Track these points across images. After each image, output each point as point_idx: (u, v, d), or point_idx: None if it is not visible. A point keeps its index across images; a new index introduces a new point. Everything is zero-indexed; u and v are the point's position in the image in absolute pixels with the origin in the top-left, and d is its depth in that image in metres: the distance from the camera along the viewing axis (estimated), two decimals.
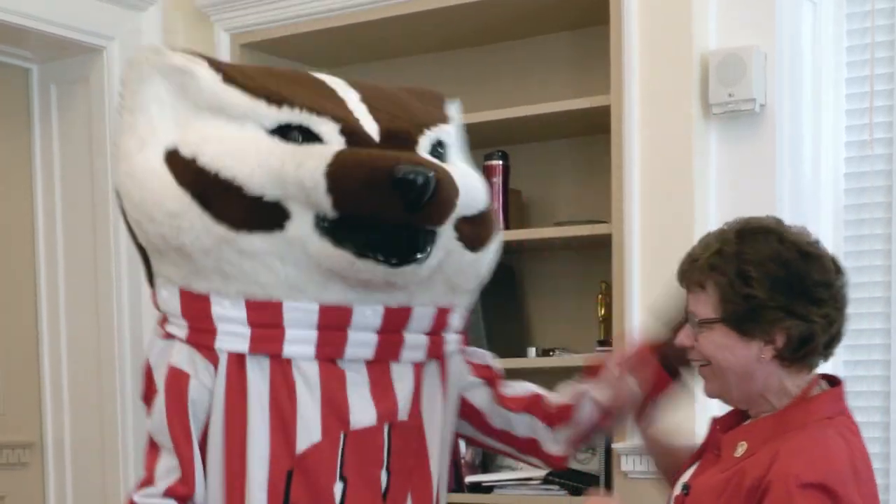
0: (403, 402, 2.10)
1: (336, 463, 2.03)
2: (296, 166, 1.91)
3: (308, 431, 2.01)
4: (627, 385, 2.18)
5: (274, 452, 2.00)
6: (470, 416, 2.31)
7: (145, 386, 2.08)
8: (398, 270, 1.96)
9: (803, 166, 3.00)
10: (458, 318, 2.22)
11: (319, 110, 1.97)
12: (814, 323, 1.88)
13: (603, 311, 3.29)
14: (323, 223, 1.93)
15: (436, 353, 2.17)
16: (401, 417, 2.10)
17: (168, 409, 2.01)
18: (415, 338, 2.11)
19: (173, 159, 1.97)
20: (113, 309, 3.69)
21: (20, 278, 3.83)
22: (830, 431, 1.88)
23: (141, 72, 2.04)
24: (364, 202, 1.90)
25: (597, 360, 2.29)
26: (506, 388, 2.32)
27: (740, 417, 2.01)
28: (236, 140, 1.96)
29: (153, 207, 1.97)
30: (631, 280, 2.98)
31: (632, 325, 2.92)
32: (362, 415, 2.05)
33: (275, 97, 1.98)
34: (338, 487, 2.03)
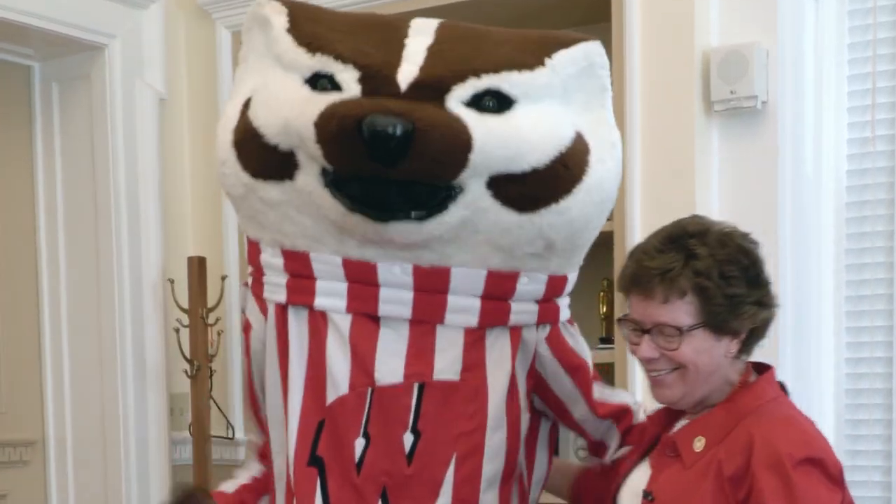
0: (444, 364, 2.01)
1: (361, 418, 2.00)
2: (297, 116, 1.89)
3: (336, 384, 2.00)
4: None
5: (306, 403, 2.02)
6: (552, 404, 2.18)
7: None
8: (388, 226, 1.90)
9: (805, 163, 3.00)
10: (536, 286, 2.06)
11: (346, 57, 1.91)
12: (773, 307, 1.93)
13: (605, 309, 3.30)
14: (327, 175, 1.91)
15: (497, 321, 2.04)
16: (439, 377, 2.01)
17: (245, 365, 2.16)
18: (461, 300, 2.01)
19: (245, 108, 2.00)
20: (115, 307, 3.68)
21: (22, 276, 3.83)
22: (788, 410, 1.92)
23: (247, 23, 2.07)
24: (338, 155, 1.86)
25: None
26: (597, 392, 2.19)
27: (672, 415, 2.00)
28: (275, 89, 1.96)
29: (219, 153, 2.03)
30: None
31: None
32: (388, 371, 2.00)
33: (314, 45, 1.94)
34: (359, 443, 2.00)
